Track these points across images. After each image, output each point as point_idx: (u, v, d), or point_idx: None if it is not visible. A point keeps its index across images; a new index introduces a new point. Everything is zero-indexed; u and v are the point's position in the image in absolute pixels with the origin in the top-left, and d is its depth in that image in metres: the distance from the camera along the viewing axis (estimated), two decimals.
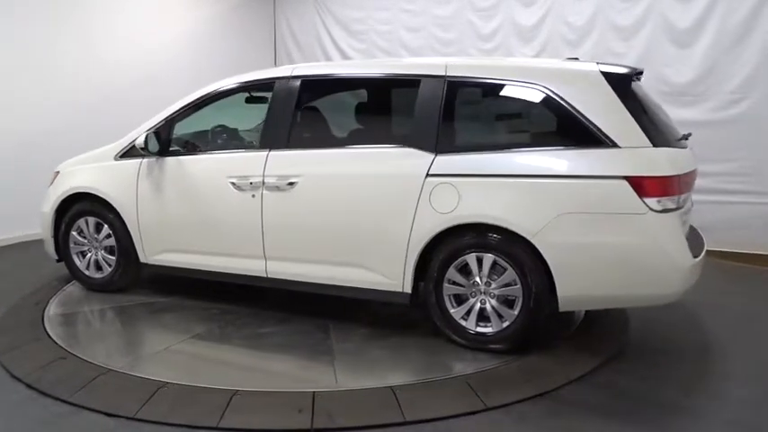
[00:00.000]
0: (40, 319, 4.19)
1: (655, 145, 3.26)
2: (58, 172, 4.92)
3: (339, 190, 3.82)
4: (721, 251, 5.35)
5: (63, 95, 6.69)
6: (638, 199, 3.18)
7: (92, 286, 4.78)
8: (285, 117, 4.06)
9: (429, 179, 3.55)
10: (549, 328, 3.76)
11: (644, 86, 3.82)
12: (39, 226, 4.98)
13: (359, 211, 3.74)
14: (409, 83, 3.82)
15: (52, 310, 4.44)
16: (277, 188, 3.93)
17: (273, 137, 4.08)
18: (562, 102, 3.39)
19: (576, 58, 3.66)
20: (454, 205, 3.49)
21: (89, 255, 4.75)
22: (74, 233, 4.76)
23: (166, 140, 4.40)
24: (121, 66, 7.17)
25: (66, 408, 3.05)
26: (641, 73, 3.82)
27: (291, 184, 3.89)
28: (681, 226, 3.33)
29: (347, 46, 8.23)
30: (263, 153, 4.03)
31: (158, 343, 3.96)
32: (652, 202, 3.18)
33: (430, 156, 3.58)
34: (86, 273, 4.77)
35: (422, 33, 7.52)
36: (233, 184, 4.06)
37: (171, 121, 4.43)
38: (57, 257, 4.88)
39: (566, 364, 3.48)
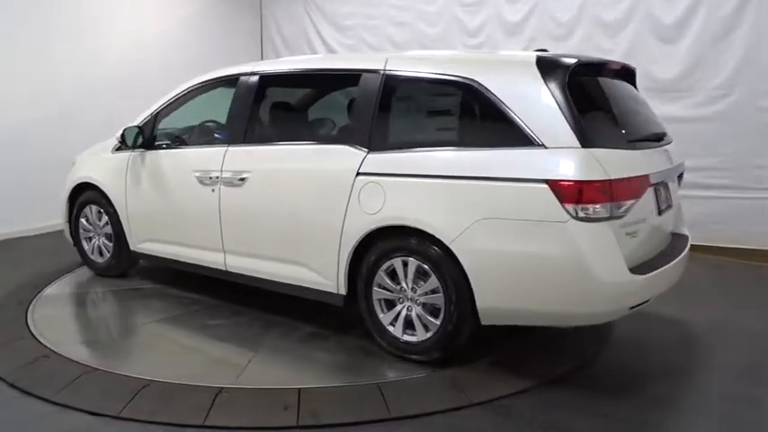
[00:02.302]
0: (24, 318, 4.16)
1: (586, 145, 2.92)
2: (74, 162, 5.23)
3: (282, 186, 3.82)
4: (705, 245, 5.40)
5: (50, 93, 6.65)
6: (560, 205, 2.89)
7: (96, 270, 5.16)
8: (242, 113, 4.12)
9: (359, 178, 3.44)
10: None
11: (620, 80, 3.65)
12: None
13: (299, 208, 3.71)
14: (353, 78, 3.71)
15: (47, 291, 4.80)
16: (232, 183, 4.00)
17: (232, 133, 4.15)
18: (491, 96, 3.15)
19: (545, 50, 3.51)
20: (380, 206, 3.36)
21: (93, 241, 5.09)
22: (82, 220, 5.13)
23: (150, 135, 4.59)
24: (110, 60, 7.16)
25: (50, 407, 3.02)
26: (604, 65, 3.54)
27: (243, 179, 3.94)
28: (615, 237, 2.95)
29: (334, 41, 8.20)
30: (223, 148, 4.11)
31: (108, 328, 4.22)
32: (575, 209, 2.88)
33: (362, 153, 3.47)
34: (91, 257, 5.14)
35: (409, 29, 7.50)
36: (197, 178, 4.17)
37: (156, 116, 4.63)
38: (73, 242, 5.25)
39: (550, 360, 3.50)
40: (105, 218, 4.92)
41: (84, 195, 5.04)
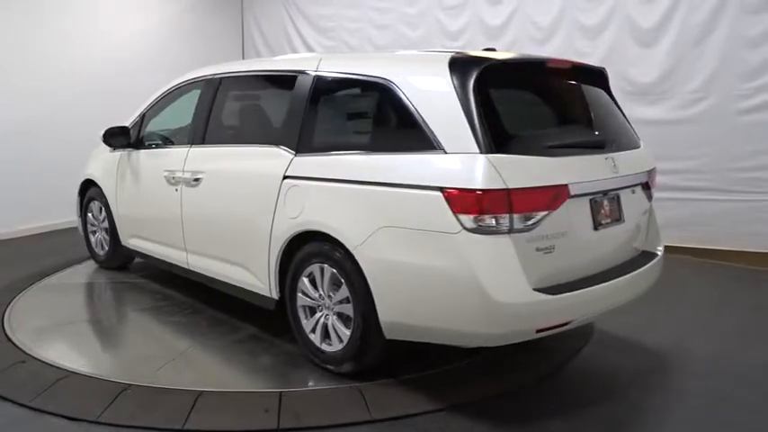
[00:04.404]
0: (0, 322, 4.09)
1: (486, 151, 2.69)
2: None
3: (225, 187, 3.88)
4: (683, 247, 5.48)
5: (41, 92, 6.62)
6: (452, 215, 2.70)
7: (99, 263, 5.48)
8: (201, 114, 4.22)
9: (285, 181, 3.40)
10: None
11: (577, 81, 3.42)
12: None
13: (237, 210, 3.74)
14: (290, 79, 3.64)
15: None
16: (189, 183, 4.09)
17: (194, 133, 4.24)
18: (403, 97, 3.01)
19: (494, 49, 3.39)
20: (300, 210, 3.30)
21: (96, 234, 5.41)
22: (89, 215, 5.43)
23: (137, 135, 4.77)
24: (94, 60, 7.14)
25: (26, 412, 2.98)
26: (543, 64, 3.28)
27: (197, 180, 4.02)
28: (516, 252, 2.70)
29: (315, 43, 8.19)
30: (186, 149, 4.21)
31: (85, 326, 4.21)
32: (467, 219, 2.67)
33: (290, 156, 3.43)
34: (95, 250, 5.48)
35: (390, 31, 7.52)
36: (165, 177, 4.29)
37: (143, 116, 4.81)
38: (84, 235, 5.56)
39: (529, 362, 3.52)
40: (104, 213, 5.15)
41: (90, 192, 5.32)
